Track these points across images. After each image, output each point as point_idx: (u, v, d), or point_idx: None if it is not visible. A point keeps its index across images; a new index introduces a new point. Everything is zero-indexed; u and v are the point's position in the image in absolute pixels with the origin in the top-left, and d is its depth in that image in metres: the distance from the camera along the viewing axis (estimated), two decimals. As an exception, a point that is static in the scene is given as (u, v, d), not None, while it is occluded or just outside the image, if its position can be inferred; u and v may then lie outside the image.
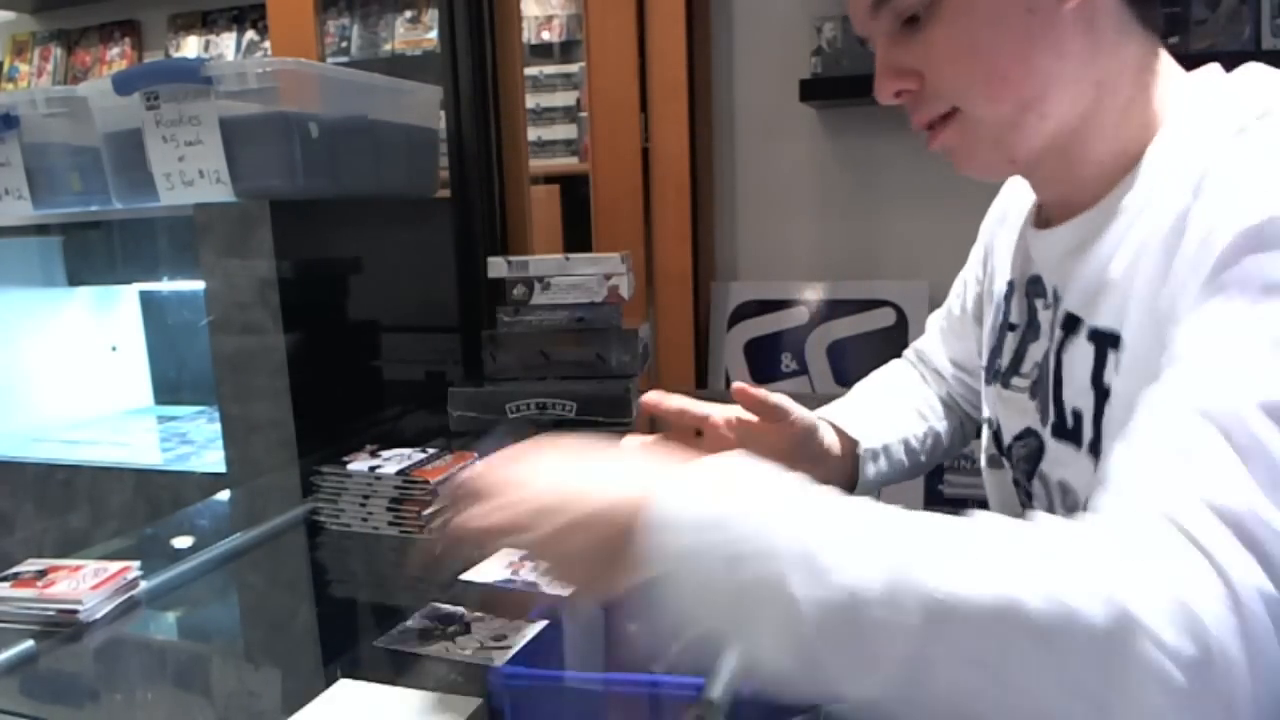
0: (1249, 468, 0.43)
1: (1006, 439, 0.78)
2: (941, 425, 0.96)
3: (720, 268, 1.88)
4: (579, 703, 0.77)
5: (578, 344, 1.41)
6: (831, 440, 0.88)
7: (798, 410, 0.83)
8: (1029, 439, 0.73)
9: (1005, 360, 0.78)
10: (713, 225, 1.86)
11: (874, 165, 1.75)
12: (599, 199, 1.84)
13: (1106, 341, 0.63)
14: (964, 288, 0.95)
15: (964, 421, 0.98)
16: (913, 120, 0.69)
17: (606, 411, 1.36)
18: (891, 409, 0.95)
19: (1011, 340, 0.78)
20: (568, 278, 1.40)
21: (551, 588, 0.84)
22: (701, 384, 1.85)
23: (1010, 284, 0.79)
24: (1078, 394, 0.65)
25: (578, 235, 2.17)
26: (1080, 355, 0.65)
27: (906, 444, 0.93)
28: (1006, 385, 0.78)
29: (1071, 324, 0.67)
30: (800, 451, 0.84)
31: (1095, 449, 0.64)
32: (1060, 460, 0.68)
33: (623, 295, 1.40)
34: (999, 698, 0.42)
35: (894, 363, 1.04)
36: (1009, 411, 0.77)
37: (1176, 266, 0.55)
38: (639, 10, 1.74)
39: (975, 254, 0.93)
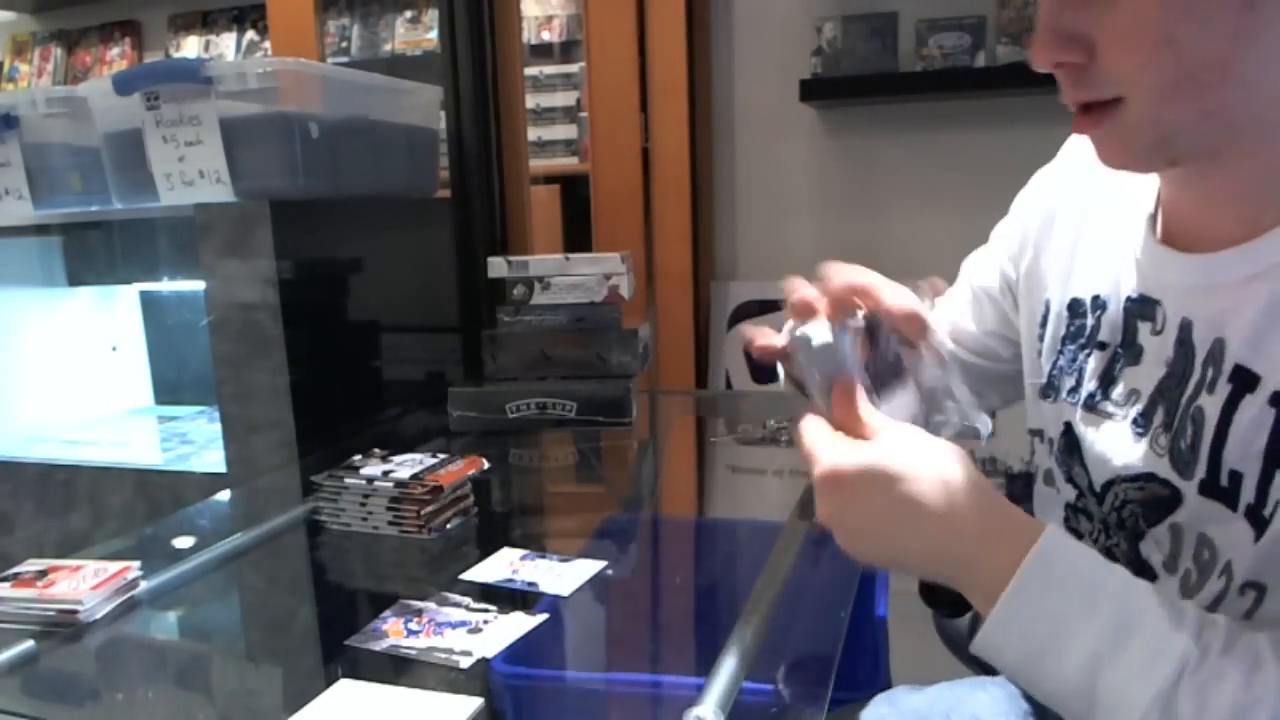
0: None
1: (1099, 473, 0.71)
2: None
3: (720, 267, 1.88)
4: (579, 702, 0.77)
5: (578, 344, 1.41)
6: None
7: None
8: (1151, 484, 0.65)
9: (1087, 381, 0.72)
10: (713, 225, 1.87)
11: (874, 165, 1.75)
12: (599, 199, 1.84)
13: None
14: (984, 274, 0.88)
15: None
16: (1065, 94, 0.59)
17: (606, 411, 1.36)
18: None
19: (1099, 360, 0.71)
20: (568, 278, 1.40)
21: (550, 587, 0.84)
22: (701, 384, 1.85)
23: (1096, 298, 0.72)
24: (1245, 457, 0.58)
25: (578, 235, 2.17)
26: (1257, 417, 0.58)
27: None
28: (1092, 409, 0.71)
29: (1245, 380, 0.59)
30: None
31: (1254, 515, 0.58)
32: (1205, 517, 0.62)
33: (623, 295, 1.40)
34: None
35: None
36: (1102, 440, 0.70)
37: None
38: (639, 10, 1.74)
39: (1005, 246, 0.85)
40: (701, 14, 1.78)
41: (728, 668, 0.65)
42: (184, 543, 1.05)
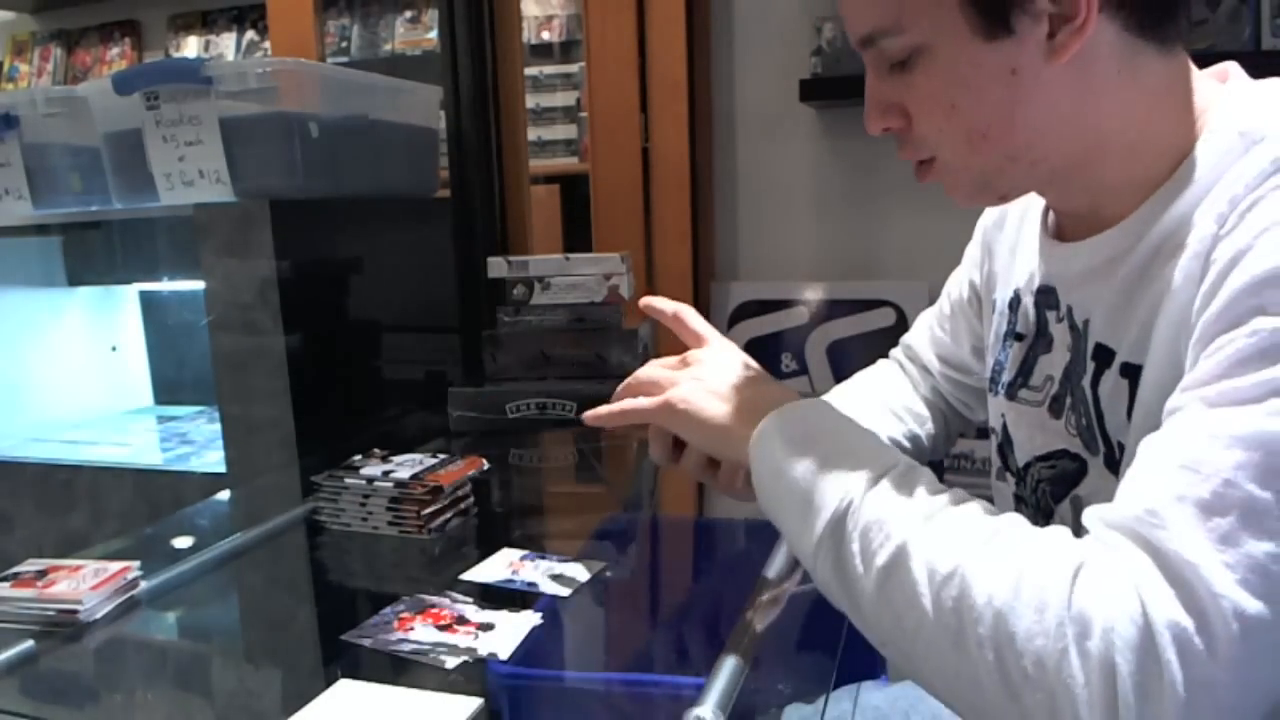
0: (1207, 525, 0.46)
1: (1021, 455, 0.75)
2: (923, 428, 0.95)
3: (720, 268, 1.88)
4: (579, 702, 0.77)
5: (578, 344, 1.41)
6: None
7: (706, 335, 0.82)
8: (1062, 461, 0.71)
9: (1011, 371, 0.76)
10: (713, 225, 1.86)
11: (874, 165, 1.75)
12: (599, 199, 1.84)
13: (1135, 376, 0.61)
14: (958, 288, 0.93)
15: (949, 420, 0.97)
16: (899, 154, 0.68)
17: (606, 411, 1.35)
18: (865, 411, 0.93)
19: (1018, 350, 0.76)
20: (568, 278, 1.40)
21: (550, 587, 0.84)
22: (701, 384, 1.85)
23: (1016, 292, 0.77)
24: (1119, 428, 0.64)
25: (578, 235, 2.17)
26: (1116, 389, 0.63)
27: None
28: (1013, 397, 0.76)
29: (1103, 356, 0.65)
30: None
31: None
32: (1099, 490, 0.66)
33: (623, 295, 1.40)
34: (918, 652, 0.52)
35: (880, 362, 1.03)
36: (1022, 425, 0.75)
37: (1196, 303, 0.54)
38: (639, 10, 1.74)
39: (970, 255, 0.91)
40: (701, 14, 1.78)
41: (728, 668, 0.65)
42: (184, 543, 1.05)
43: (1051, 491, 0.71)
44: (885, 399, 0.96)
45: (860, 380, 1.01)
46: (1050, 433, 0.71)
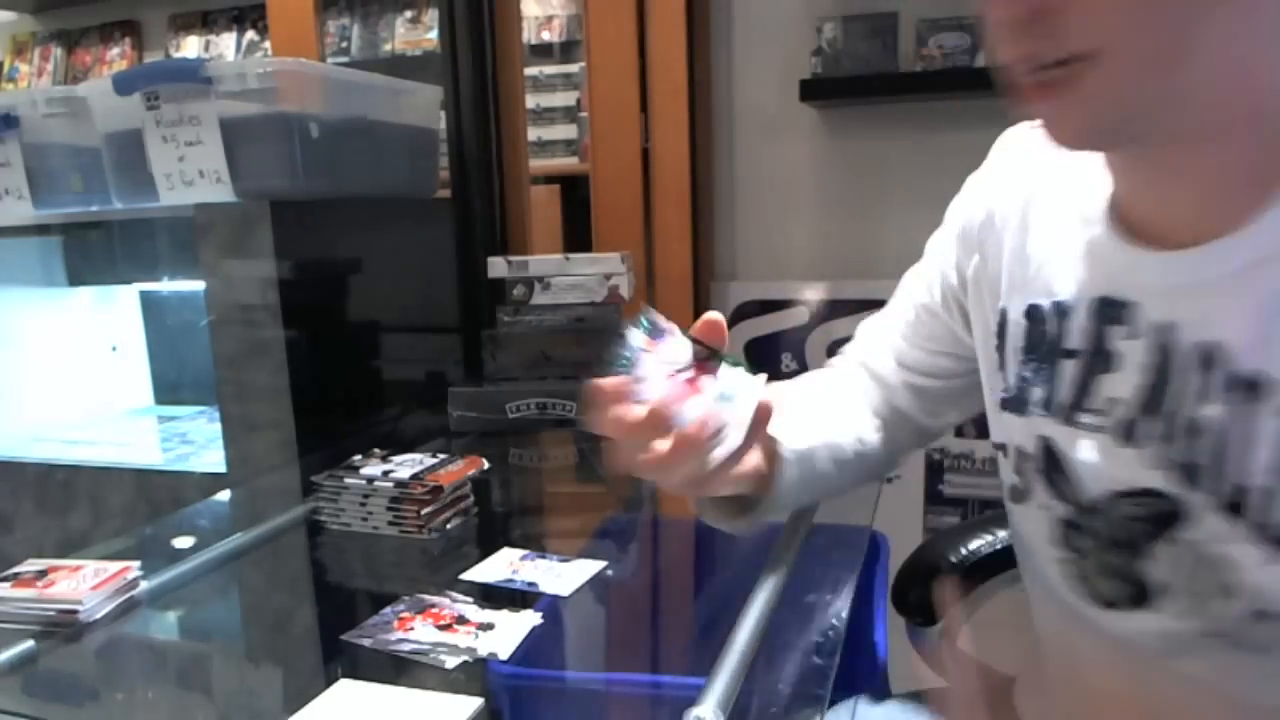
0: None
1: (1093, 486, 0.66)
2: (874, 437, 0.85)
3: (720, 268, 1.88)
4: (579, 702, 0.77)
5: (578, 344, 1.41)
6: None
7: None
8: (1150, 499, 0.62)
9: (1069, 392, 0.68)
10: (713, 225, 1.86)
11: (874, 165, 1.75)
12: (599, 199, 1.84)
13: None
14: (926, 290, 0.84)
15: (896, 435, 0.87)
16: (1021, 51, 0.53)
17: (606, 411, 1.35)
18: (822, 412, 0.84)
19: (1073, 369, 0.67)
20: (568, 278, 1.40)
21: (550, 587, 0.84)
22: (701, 384, 1.85)
23: (1055, 304, 0.68)
24: (1258, 470, 0.55)
25: (578, 235, 2.17)
26: (1273, 429, 0.54)
27: (834, 449, 0.81)
28: (1070, 421, 0.67)
29: (1250, 389, 0.55)
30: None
31: (1269, 535, 0.55)
32: (1222, 537, 0.58)
33: (623, 295, 1.40)
34: None
35: (830, 365, 0.92)
36: (1084, 452, 0.66)
37: None
38: (639, 10, 1.74)
39: (944, 255, 0.83)
40: (701, 14, 1.78)
41: (728, 668, 0.65)
42: (184, 543, 1.05)
43: (1145, 530, 0.64)
44: (840, 402, 0.87)
45: (812, 379, 0.90)
46: (1124, 464, 0.63)
